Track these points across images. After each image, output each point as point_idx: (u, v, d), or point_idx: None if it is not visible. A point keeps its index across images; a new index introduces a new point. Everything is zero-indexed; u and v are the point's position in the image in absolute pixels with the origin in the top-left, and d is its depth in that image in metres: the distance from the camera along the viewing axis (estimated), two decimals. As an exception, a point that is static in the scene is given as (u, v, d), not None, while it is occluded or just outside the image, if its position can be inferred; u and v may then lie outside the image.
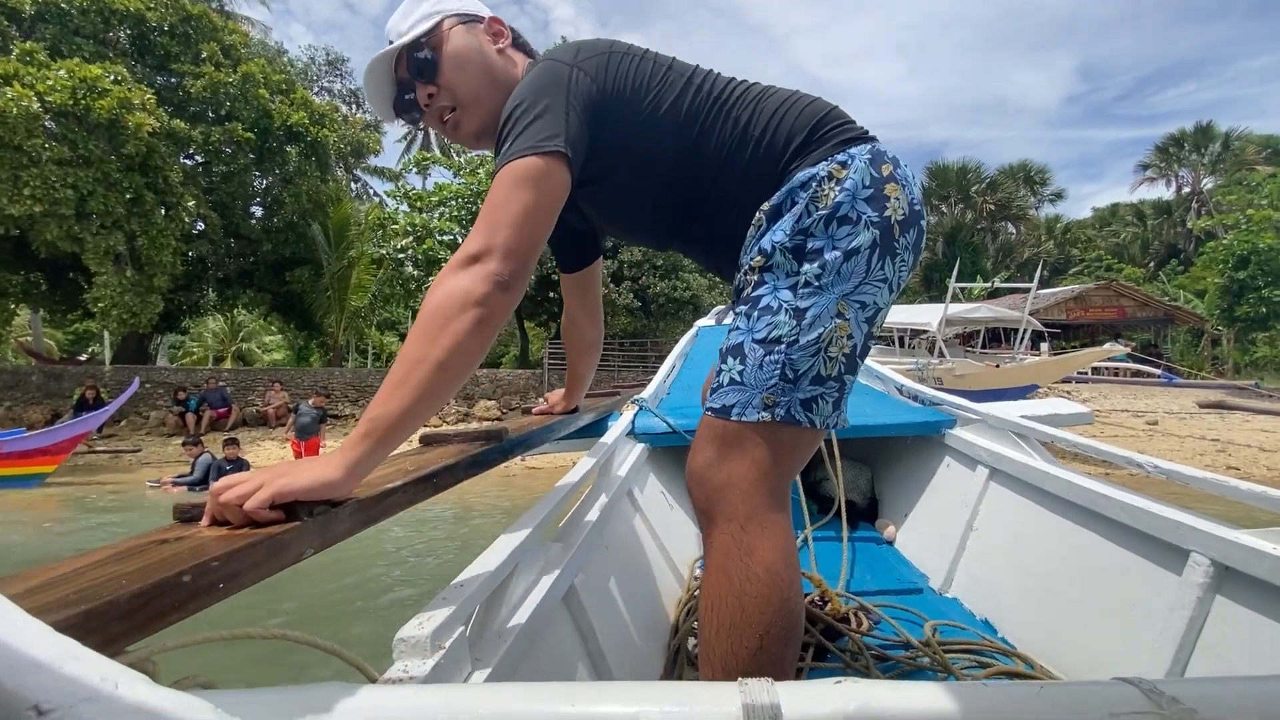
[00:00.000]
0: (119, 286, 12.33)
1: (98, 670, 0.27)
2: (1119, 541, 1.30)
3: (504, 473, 9.66)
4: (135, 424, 12.76)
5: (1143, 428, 12.39)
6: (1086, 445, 1.53)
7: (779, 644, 0.82)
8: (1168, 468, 1.30)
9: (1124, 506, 1.28)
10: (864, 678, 0.49)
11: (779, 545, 0.86)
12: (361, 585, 4.91)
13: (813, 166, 0.95)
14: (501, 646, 0.89)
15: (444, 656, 0.75)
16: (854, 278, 0.91)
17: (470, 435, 1.37)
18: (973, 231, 35.86)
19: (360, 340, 26.29)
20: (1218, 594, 1.08)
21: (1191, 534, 1.12)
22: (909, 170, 1.00)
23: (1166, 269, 32.84)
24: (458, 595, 0.84)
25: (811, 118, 1.01)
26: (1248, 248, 17.22)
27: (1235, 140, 34.19)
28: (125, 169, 11.87)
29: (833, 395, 0.92)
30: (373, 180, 29.26)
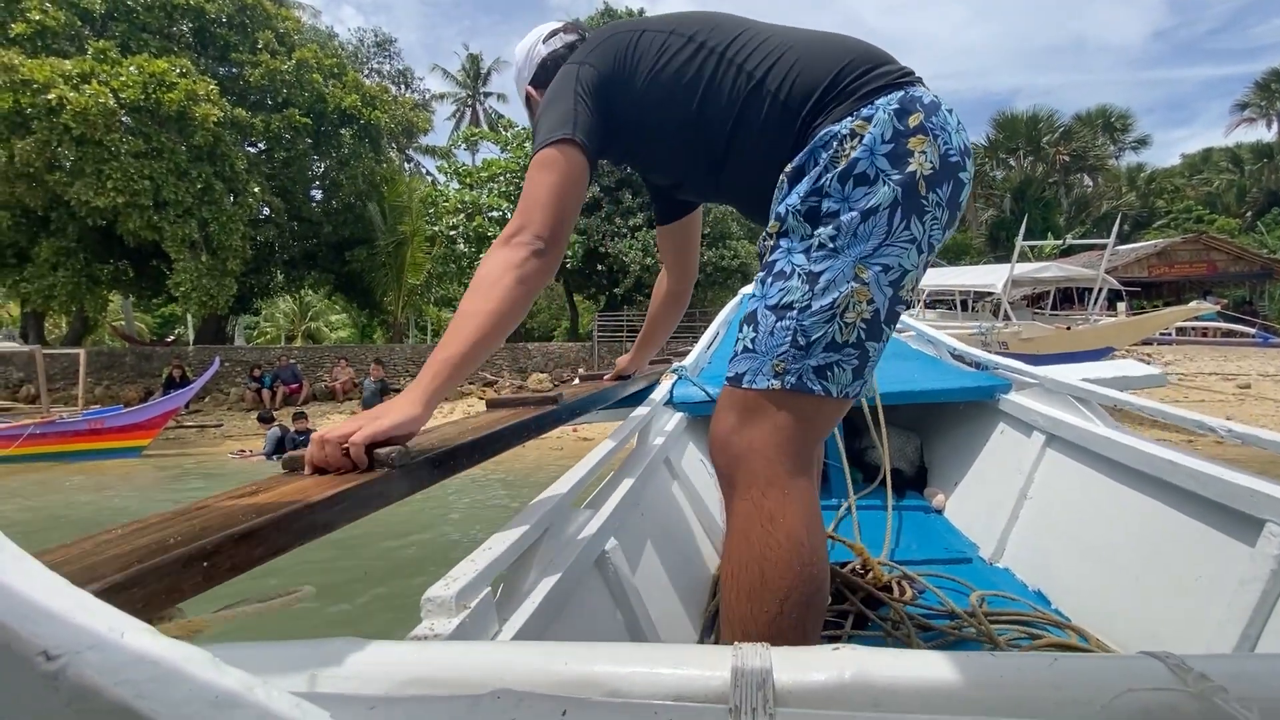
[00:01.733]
0: (196, 271, 13.09)
1: (106, 621, 0.28)
2: (1187, 511, 1.23)
3: (556, 445, 9.87)
4: (218, 400, 13.64)
5: (1233, 392, 11.53)
6: (1153, 408, 1.43)
7: (800, 609, 0.82)
8: (1243, 431, 1.21)
9: (1192, 473, 1.20)
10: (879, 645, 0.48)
11: (801, 511, 0.86)
12: (425, 544, 5.15)
13: (836, 123, 0.90)
14: (529, 609, 0.91)
15: (469, 616, 0.77)
16: (873, 239, 0.87)
17: (529, 400, 1.43)
18: (1044, 186, 33.62)
19: (419, 317, 27.15)
20: None
21: (1267, 502, 1.05)
22: (947, 117, 0.93)
23: (1266, 218, 30.07)
24: (485, 557, 0.87)
25: (833, 66, 0.94)
26: (1363, 191, 15.54)
27: (1350, 71, 30.67)
28: (194, 159, 12.50)
29: (851, 363, 0.88)
30: (424, 159, 29.83)
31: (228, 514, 0.61)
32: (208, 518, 0.61)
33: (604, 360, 15.87)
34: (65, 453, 9.29)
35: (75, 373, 10.98)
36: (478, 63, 34.96)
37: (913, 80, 0.95)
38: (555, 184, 1.00)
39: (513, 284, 0.94)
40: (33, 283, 13.18)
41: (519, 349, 16.33)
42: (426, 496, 6.32)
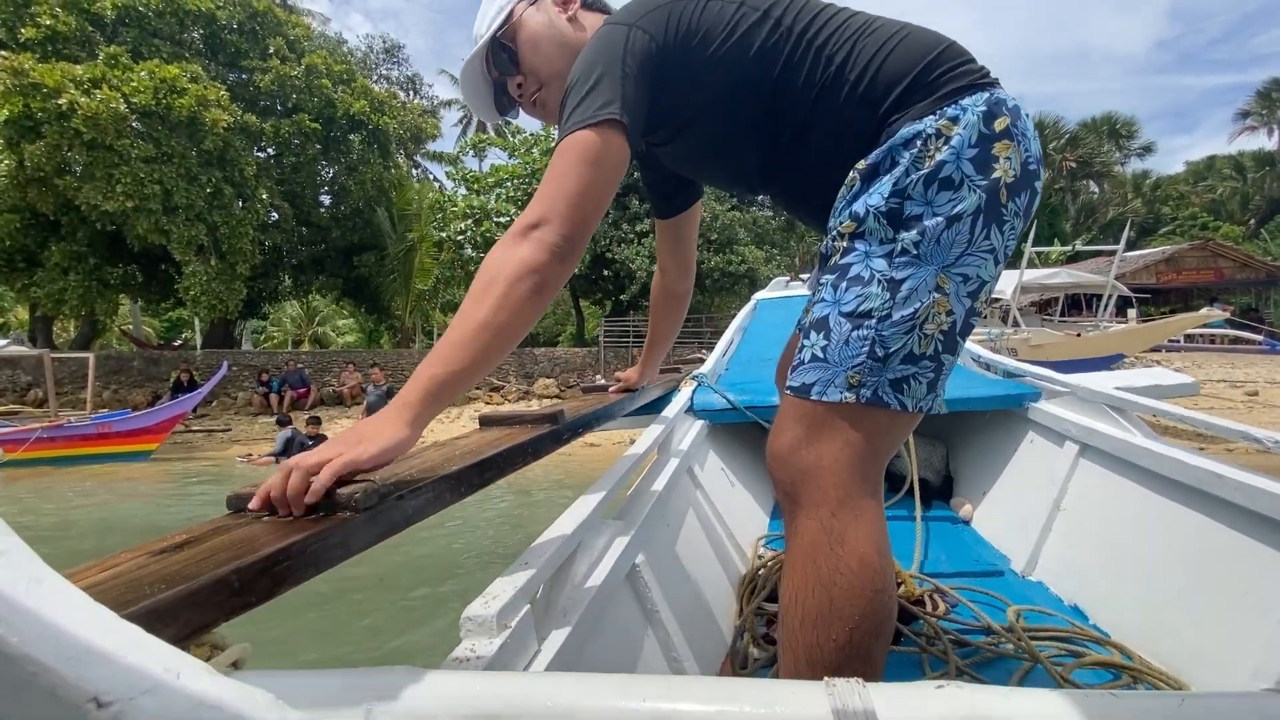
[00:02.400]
0: (205, 275, 13.15)
1: (160, 660, 0.26)
2: (1230, 523, 1.20)
3: (566, 451, 9.83)
4: (225, 404, 13.67)
5: (1242, 399, 11.44)
6: (1195, 418, 1.40)
7: (869, 638, 0.78)
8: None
9: (1240, 486, 1.17)
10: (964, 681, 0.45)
11: (872, 534, 0.81)
12: (444, 555, 5.13)
13: (918, 120, 0.85)
14: (566, 626, 0.90)
15: (510, 636, 0.75)
16: (956, 247, 0.82)
17: (526, 418, 1.38)
18: (1050, 192, 33.53)
19: (426, 322, 27.21)
20: None
21: None
22: (1028, 123, 0.89)
23: (1270, 226, 29.94)
24: (523, 574, 0.84)
25: (919, 59, 0.88)
26: (1373, 198, 15.46)
27: (1355, 79, 30.58)
28: (204, 164, 12.57)
29: (927, 376, 0.84)
30: (432, 165, 29.94)
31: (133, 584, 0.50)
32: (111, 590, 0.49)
33: (610, 366, 15.86)
34: (73, 456, 9.31)
35: (84, 376, 11.02)
36: (484, 69, 35.18)
37: (995, 81, 0.90)
38: (591, 179, 0.87)
39: (527, 293, 0.82)
40: (43, 287, 13.25)
41: (525, 354, 16.34)
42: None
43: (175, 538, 0.62)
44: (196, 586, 0.49)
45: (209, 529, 0.65)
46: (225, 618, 0.51)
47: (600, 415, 1.75)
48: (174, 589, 0.48)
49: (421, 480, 0.84)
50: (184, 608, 0.47)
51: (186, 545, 0.59)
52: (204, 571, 0.51)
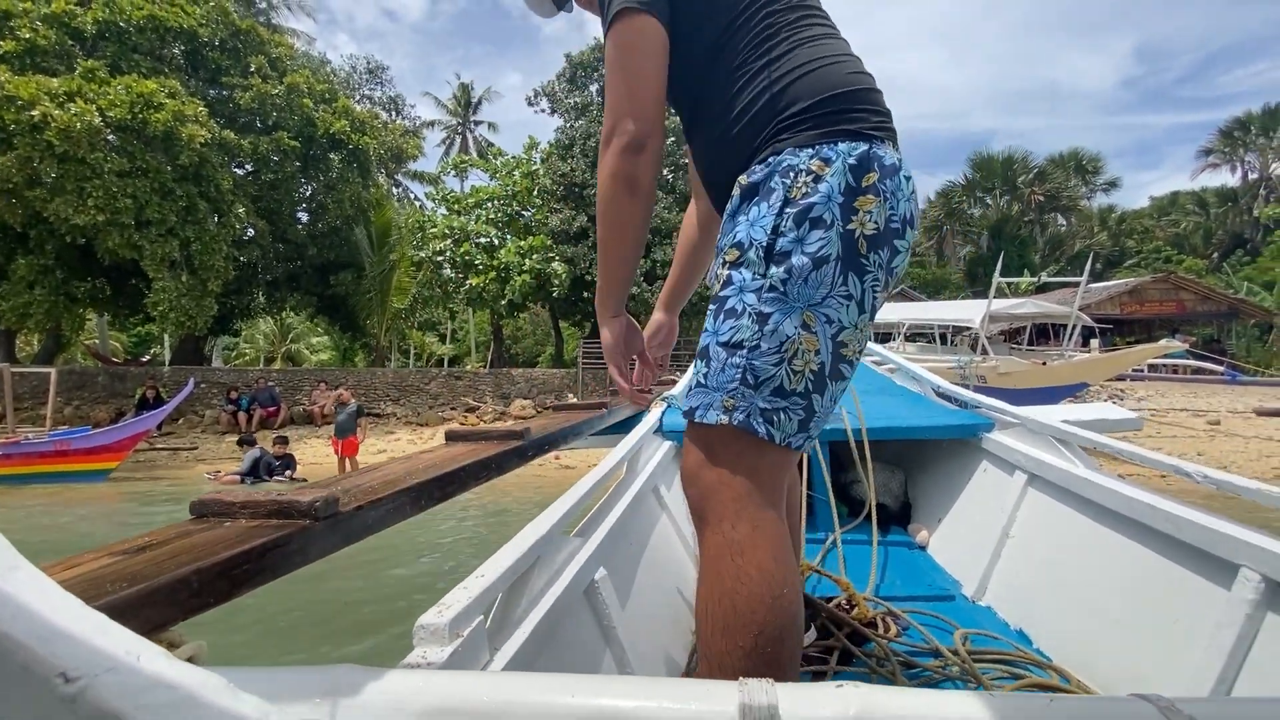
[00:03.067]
0: (176, 291, 12.93)
1: (123, 644, 0.29)
2: (1165, 554, 1.25)
3: (537, 471, 9.76)
4: (192, 422, 13.35)
5: (1203, 428, 11.78)
6: (1131, 451, 1.46)
7: (774, 643, 0.81)
8: (1218, 477, 1.24)
9: (1170, 517, 1.23)
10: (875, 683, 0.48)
11: (769, 543, 0.85)
12: (403, 577, 5.04)
13: (798, 151, 0.89)
14: (520, 637, 0.91)
15: (462, 644, 0.76)
16: (821, 288, 0.87)
17: (492, 434, 1.39)
18: (1020, 224, 34.60)
19: (402, 341, 26.95)
20: (1269, 611, 1.02)
21: (1242, 548, 1.07)
22: (902, 184, 0.92)
23: (1231, 260, 31.17)
24: (478, 585, 0.86)
25: (825, 91, 0.92)
26: (1320, 236, 16.22)
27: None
28: (179, 179, 12.44)
29: (797, 413, 0.88)
30: (413, 184, 29.96)
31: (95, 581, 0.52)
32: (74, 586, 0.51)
33: (589, 387, 15.82)
34: (28, 475, 9.00)
35: (45, 392, 10.71)
36: (469, 92, 35.42)
37: (883, 136, 0.93)
38: (636, 68, 0.93)
39: (624, 196, 0.94)
40: (8, 300, 12.90)
41: (502, 375, 16.26)
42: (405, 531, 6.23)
43: (137, 540, 0.64)
44: (157, 585, 0.51)
45: (172, 533, 0.67)
46: (183, 616, 0.53)
47: (567, 433, 1.77)
48: (135, 587, 0.50)
49: (382, 492, 0.86)
50: (144, 605, 0.49)
51: (148, 548, 0.61)
52: (164, 572, 0.53)
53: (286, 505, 0.70)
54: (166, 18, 13.33)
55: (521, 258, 16.92)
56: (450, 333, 33.06)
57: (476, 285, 17.05)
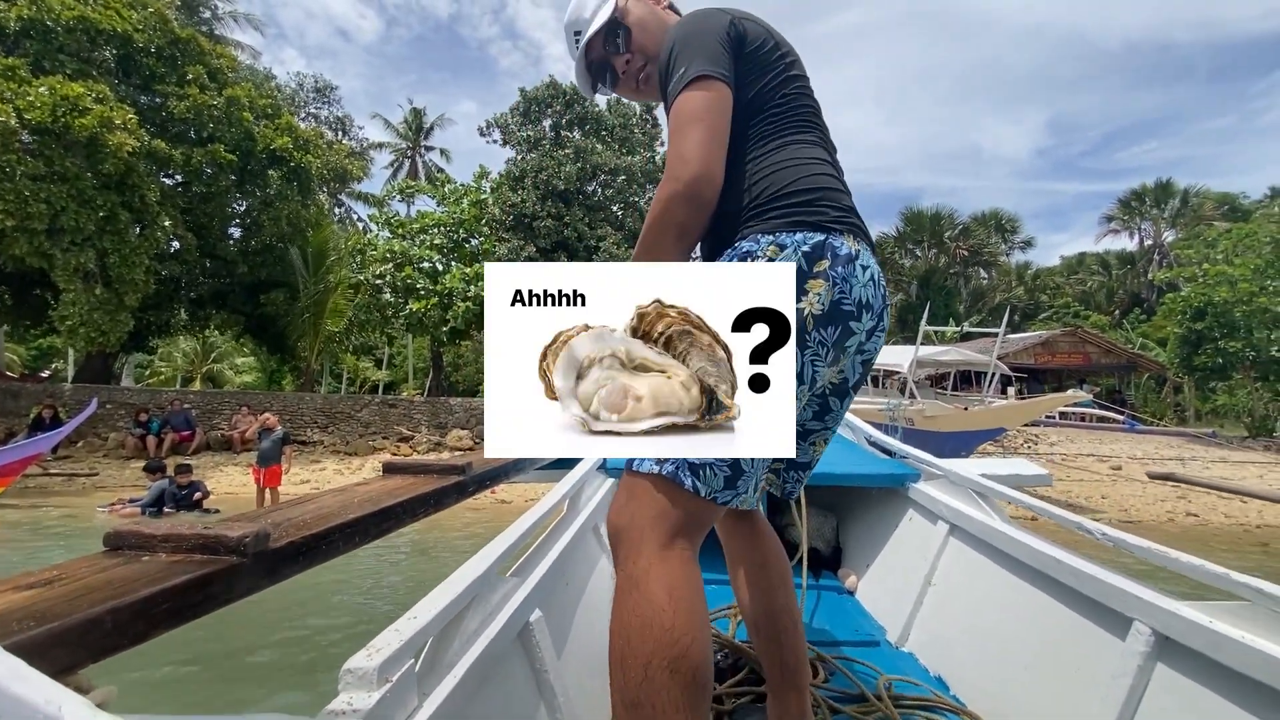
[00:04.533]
0: (87, 304, 12.06)
1: (43, 693, 0.27)
2: (1069, 605, 1.32)
3: (473, 504, 9.48)
4: (93, 445, 12.33)
5: (1107, 472, 12.64)
6: (1041, 508, 1.54)
7: (664, 675, 0.82)
8: (1115, 535, 1.31)
9: (1073, 571, 1.30)
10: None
11: (665, 579, 0.88)
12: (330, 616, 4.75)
13: (759, 238, 1.00)
14: (451, 683, 0.88)
15: (390, 691, 0.74)
16: None
17: (432, 468, 1.36)
18: (946, 275, 36.81)
19: (335, 365, 25.88)
20: (1158, 662, 1.09)
21: (1135, 603, 1.14)
22: (857, 272, 1.01)
23: (1130, 317, 33.92)
24: (410, 627, 0.83)
25: (790, 186, 1.03)
26: (1204, 300, 17.91)
27: (1194, 197, 35.86)
28: (101, 187, 11.73)
29: (723, 471, 0.93)
30: (357, 205, 29.26)
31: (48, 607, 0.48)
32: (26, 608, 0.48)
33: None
34: (-105, 500, 8.06)
35: (-78, 408, 9.68)
36: (420, 116, 35.16)
37: (843, 229, 1.02)
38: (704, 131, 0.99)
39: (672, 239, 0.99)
40: (-115, 305, 11.73)
41: (439, 403, 15.82)
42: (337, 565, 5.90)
43: (44, 573, 0.59)
44: (69, 625, 0.47)
45: (83, 566, 0.62)
46: (94, 659, 0.49)
47: (509, 469, 1.74)
48: (44, 626, 0.46)
49: (316, 526, 0.82)
50: (53, 645, 0.46)
51: (56, 581, 0.57)
52: (76, 610, 0.49)
53: (213, 540, 0.65)
54: (99, 20, 12.73)
55: (466, 284, 16.71)
56: (387, 358, 32.03)
57: (417, 310, 16.68)
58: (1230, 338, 17.37)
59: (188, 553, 0.66)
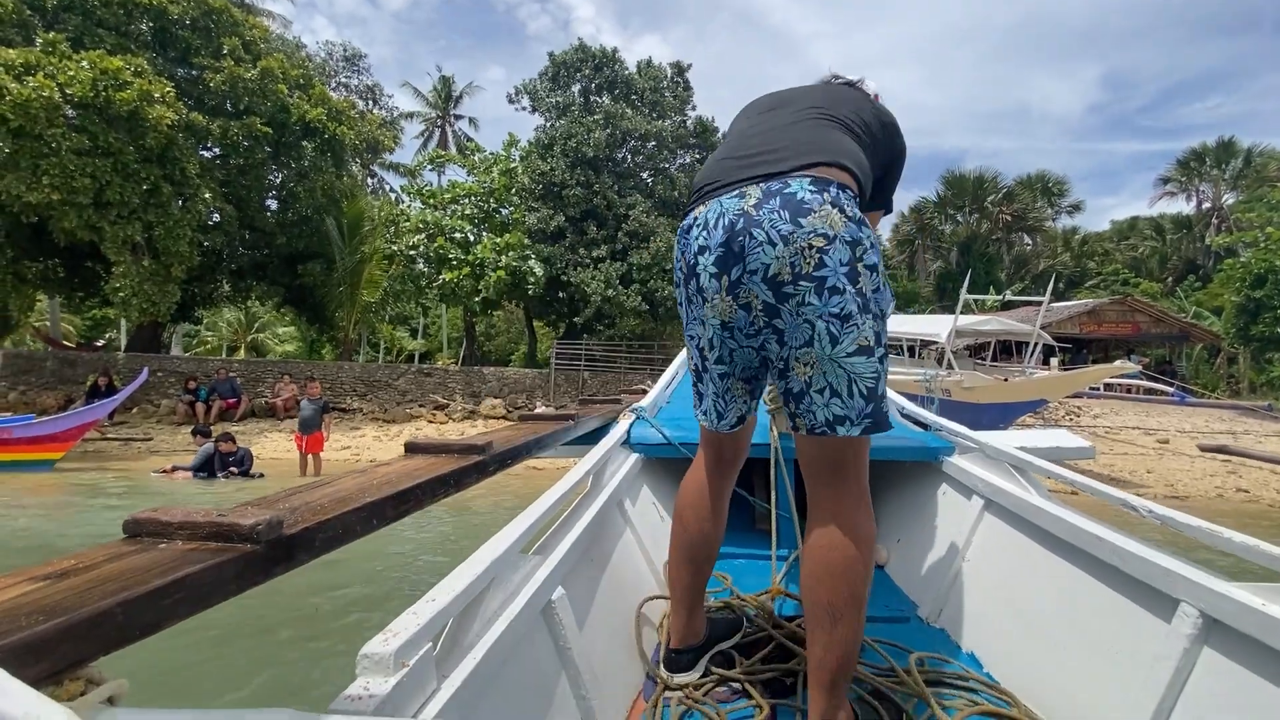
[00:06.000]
0: (138, 275, 12.49)
1: (22, 705, 0.27)
2: (1110, 584, 1.27)
3: (508, 471, 9.65)
4: (146, 412, 12.92)
5: (1154, 446, 12.22)
6: (1082, 483, 1.48)
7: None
8: (1162, 513, 1.25)
9: (1115, 549, 1.25)
10: None
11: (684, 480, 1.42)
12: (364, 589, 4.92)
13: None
14: (470, 664, 0.88)
15: (407, 675, 0.74)
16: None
17: (452, 447, 1.36)
18: (987, 242, 35.54)
19: (372, 334, 26.45)
20: (1205, 646, 1.04)
21: (1182, 583, 1.09)
22: (686, 239, 1.21)
23: (1184, 285, 32.40)
24: (428, 610, 0.83)
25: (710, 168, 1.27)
26: (1265, 266, 16.94)
27: (1257, 157, 33.67)
28: (143, 160, 12.02)
29: (698, 398, 1.36)
30: (389, 176, 29.48)
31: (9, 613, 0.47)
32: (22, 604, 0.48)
33: (561, 388, 15.74)
34: (-34, 463, 8.59)
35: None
36: (449, 84, 34.97)
37: (692, 207, 1.22)
38: None
39: None
40: (-50, 278, 12.34)
41: (474, 373, 16.08)
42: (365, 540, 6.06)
43: (61, 564, 0.60)
44: (76, 620, 0.48)
45: (100, 556, 0.62)
46: (105, 652, 0.50)
47: (531, 446, 1.74)
48: (51, 621, 0.46)
49: (332, 511, 0.82)
50: (60, 641, 0.46)
51: (72, 573, 0.57)
52: (87, 603, 0.50)
53: (227, 528, 0.66)
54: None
55: (497, 254, 16.79)
56: (422, 328, 32.60)
57: (450, 280, 16.85)
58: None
59: (202, 540, 0.66)
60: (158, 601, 0.53)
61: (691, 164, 18.43)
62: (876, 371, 1.08)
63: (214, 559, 0.61)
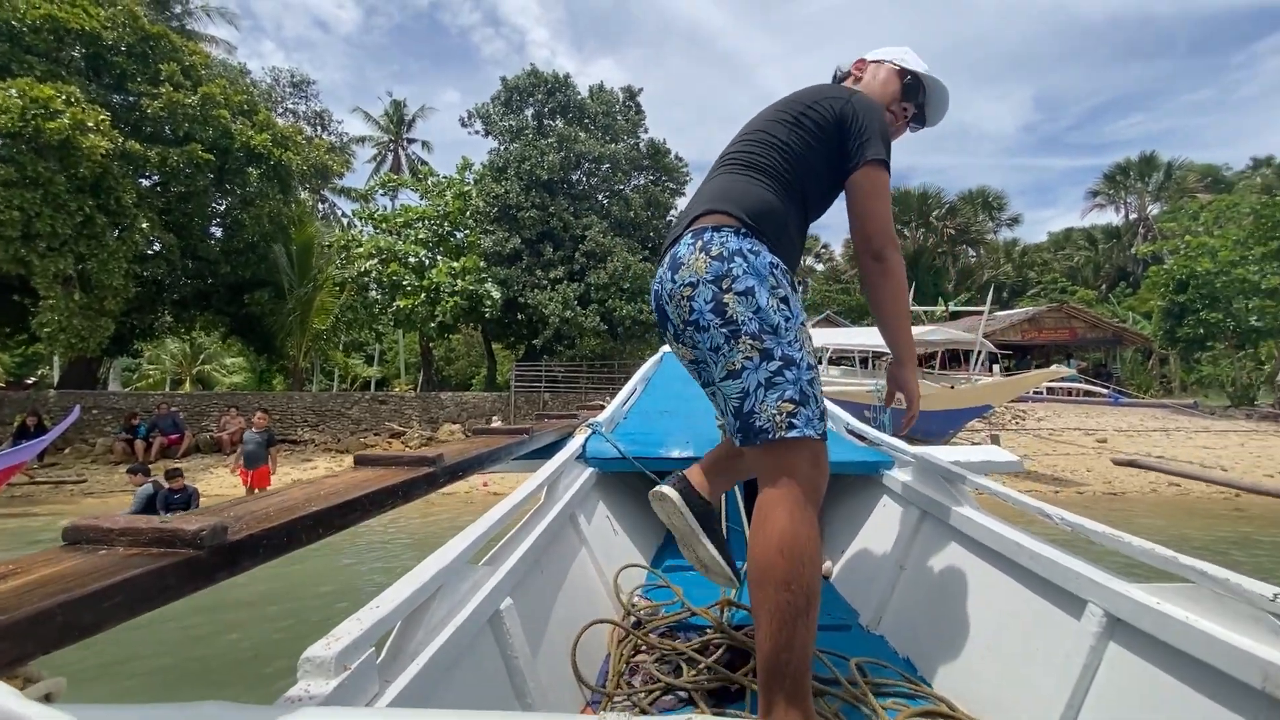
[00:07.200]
0: (67, 310, 11.91)
1: None
2: (1030, 587, 1.35)
3: (467, 498, 9.51)
4: (80, 451, 12.25)
5: (1093, 445, 12.80)
6: (1005, 494, 1.56)
7: None
8: (1073, 520, 1.33)
9: (1033, 555, 1.33)
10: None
11: None
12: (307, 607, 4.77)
13: None
14: (414, 670, 0.89)
15: (349, 678, 0.74)
16: None
17: (402, 460, 1.36)
18: (934, 255, 36.93)
19: (326, 362, 25.72)
20: (1111, 642, 1.11)
21: (1089, 585, 1.16)
22: (661, 267, 1.33)
23: (1116, 291, 34.17)
24: (371, 616, 0.84)
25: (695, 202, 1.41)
26: (1186, 272, 18.08)
27: (1176, 170, 36.06)
28: (75, 190, 11.54)
29: None
30: (341, 201, 28.95)
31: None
32: None
33: (521, 411, 15.59)
34: (-121, 513, 7.97)
35: (-96, 420, 9.56)
36: (401, 108, 34.72)
37: (675, 240, 1.32)
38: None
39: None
40: None
41: (430, 398, 15.80)
42: (313, 556, 5.84)
43: (1, 568, 0.59)
44: (16, 619, 0.48)
45: (39, 560, 0.63)
46: (43, 651, 0.51)
47: (484, 459, 1.74)
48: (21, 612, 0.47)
49: (278, 519, 0.83)
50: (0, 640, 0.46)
51: (10, 576, 0.57)
52: (26, 604, 0.50)
53: (170, 534, 0.66)
54: (66, 18, 12.46)
55: (453, 278, 16.61)
56: (378, 354, 31.87)
57: (405, 306, 16.59)
58: (1211, 309, 17.58)
59: (144, 546, 0.66)
60: (98, 604, 0.54)
61: (646, 185, 18.67)
62: (742, 390, 1.18)
63: (155, 564, 0.61)
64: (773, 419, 1.15)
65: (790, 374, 1.17)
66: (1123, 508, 8.84)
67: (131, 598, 0.57)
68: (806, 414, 1.16)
